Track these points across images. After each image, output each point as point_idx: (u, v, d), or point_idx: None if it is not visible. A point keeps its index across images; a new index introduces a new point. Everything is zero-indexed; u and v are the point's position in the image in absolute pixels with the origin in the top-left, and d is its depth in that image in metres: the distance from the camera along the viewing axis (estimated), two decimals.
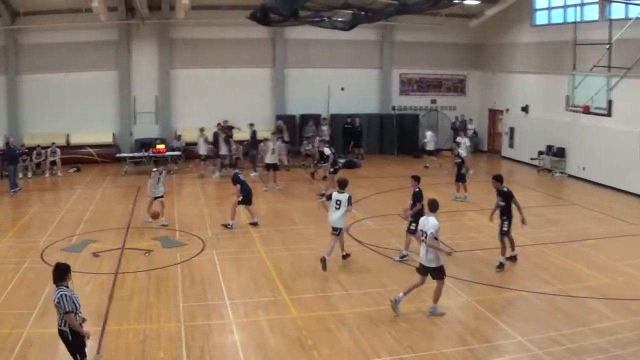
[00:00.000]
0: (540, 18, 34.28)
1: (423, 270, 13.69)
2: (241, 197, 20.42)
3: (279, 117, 34.58)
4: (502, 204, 16.96)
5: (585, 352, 12.00)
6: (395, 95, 38.36)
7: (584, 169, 30.11)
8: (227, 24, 32.50)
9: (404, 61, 37.81)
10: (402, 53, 37.59)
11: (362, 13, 22.53)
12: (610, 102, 22.70)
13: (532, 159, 32.90)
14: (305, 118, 35.08)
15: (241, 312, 13.61)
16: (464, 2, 29.15)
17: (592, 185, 28.82)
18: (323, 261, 16.23)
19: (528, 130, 34.35)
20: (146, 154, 30.86)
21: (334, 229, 16.59)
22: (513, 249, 17.37)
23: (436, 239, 13.40)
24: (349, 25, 23.84)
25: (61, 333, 9.54)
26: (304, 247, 18.61)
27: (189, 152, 32.63)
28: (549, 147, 32.12)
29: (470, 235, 20.11)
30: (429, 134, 34.11)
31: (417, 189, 17.33)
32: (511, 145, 35.95)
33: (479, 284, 15.86)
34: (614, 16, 25.35)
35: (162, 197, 21.03)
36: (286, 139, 32.37)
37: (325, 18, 23.35)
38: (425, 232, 13.33)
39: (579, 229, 20.95)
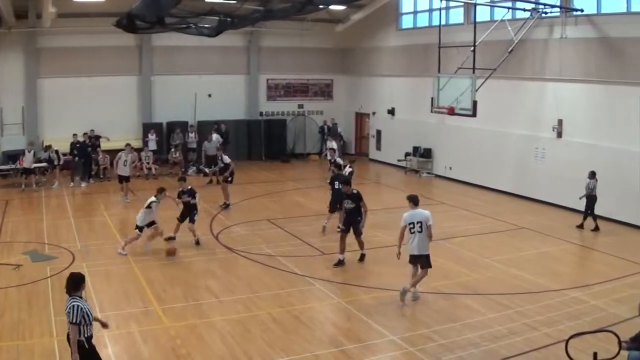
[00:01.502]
0: (406, 22, 34.85)
1: (415, 260, 14.41)
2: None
3: (146, 126, 33.52)
4: (352, 206, 17.21)
5: (459, 347, 12.07)
6: (263, 100, 38.01)
7: (450, 168, 30.81)
8: (94, 32, 31.11)
9: (270, 67, 37.57)
10: (269, 58, 37.35)
11: (228, 19, 22.29)
12: (474, 103, 23.11)
13: (399, 160, 33.33)
14: (172, 125, 34.08)
15: (113, 324, 12.89)
16: (330, 7, 29.19)
17: (459, 184, 29.54)
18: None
19: (395, 133, 34.82)
20: (13, 166, 29.14)
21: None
22: (362, 249, 17.79)
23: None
24: (215, 32, 23.60)
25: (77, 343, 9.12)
26: (174, 256, 18.02)
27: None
28: (416, 149, 32.64)
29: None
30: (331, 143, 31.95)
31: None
32: (378, 148, 36.33)
33: (349, 285, 15.81)
34: (478, 19, 25.92)
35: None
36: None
37: (192, 25, 22.95)
38: (421, 222, 14.05)
39: (447, 227, 21.14)
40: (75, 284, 9.24)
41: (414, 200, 14.52)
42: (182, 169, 31.28)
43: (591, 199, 21.19)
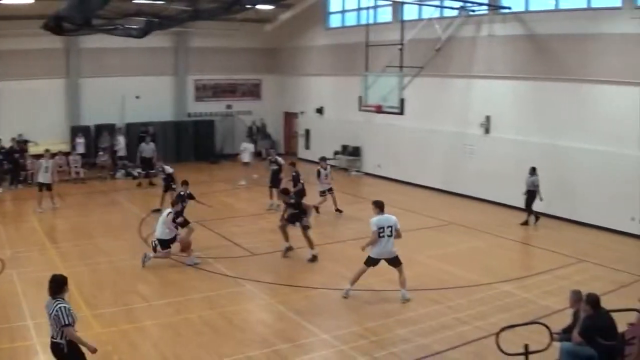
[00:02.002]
0: (334, 21, 34.80)
1: (375, 263, 14.44)
2: None
3: (74, 129, 32.56)
4: (295, 211, 17.66)
5: (391, 343, 12.00)
6: (191, 101, 37.38)
7: (379, 166, 30.89)
8: (21, 35, 30.01)
9: (198, 67, 36.98)
10: (197, 59, 36.75)
11: (156, 20, 21.98)
12: (402, 101, 23.11)
13: (328, 159, 33.10)
14: (100, 128, 33.28)
15: (45, 332, 12.34)
16: (258, 7, 28.95)
17: (388, 181, 29.60)
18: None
19: (323, 132, 34.79)
20: None
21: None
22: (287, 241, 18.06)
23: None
24: (143, 33, 23.33)
25: (56, 346, 9.17)
26: (103, 260, 17.50)
27: None
28: (345, 147, 32.59)
29: (269, 238, 19.76)
30: (244, 144, 32.24)
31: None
32: (307, 147, 36.19)
33: (279, 285, 15.61)
34: (406, 18, 25.93)
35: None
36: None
37: (119, 26, 22.64)
38: (391, 227, 14.28)
39: None
40: (58, 286, 9.26)
41: (380, 206, 14.65)
42: (110, 172, 30.72)
43: (532, 194, 21.38)
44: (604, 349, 9.04)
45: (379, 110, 24.18)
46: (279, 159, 24.55)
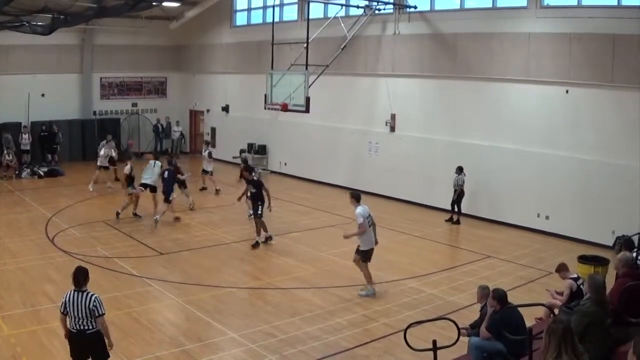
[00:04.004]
0: (240, 19, 34.61)
1: (372, 254, 14.68)
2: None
3: None
4: (254, 190, 18.42)
5: (299, 341, 11.93)
6: (97, 99, 36.53)
7: (285, 164, 30.92)
8: None
9: (104, 65, 36.20)
10: (103, 56, 35.97)
11: (62, 17, 21.47)
12: (308, 99, 23.02)
13: (234, 157, 32.81)
14: (4, 126, 32.07)
15: None
16: (163, 4, 28.54)
17: (294, 179, 29.68)
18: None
19: (229, 130, 34.57)
20: None
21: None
22: (266, 231, 18.72)
23: None
24: (49, 30, 22.86)
25: (95, 334, 9.19)
26: (10, 261, 16.82)
27: None
28: (251, 145, 32.40)
29: (176, 237, 19.60)
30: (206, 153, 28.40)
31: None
32: (213, 145, 35.74)
33: (187, 284, 15.33)
34: (312, 16, 25.90)
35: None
36: None
37: (25, 22, 21.93)
38: (370, 216, 14.61)
39: (283, 222, 21.17)
40: (84, 277, 9.28)
41: (358, 198, 14.86)
42: (16, 172, 29.67)
43: (457, 193, 21.64)
44: (512, 343, 9.16)
45: (284, 108, 24.02)
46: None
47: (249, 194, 19.15)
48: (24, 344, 11.66)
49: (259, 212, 18.26)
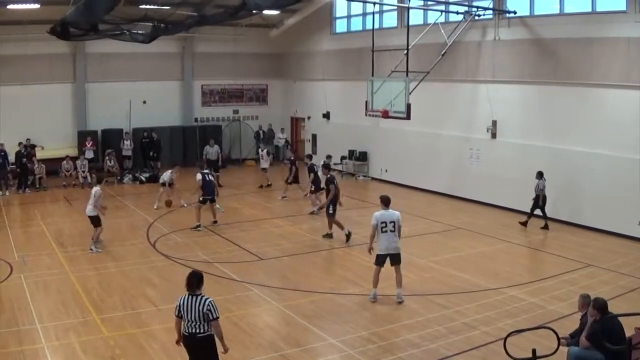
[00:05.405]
0: (340, 26, 34.87)
1: (384, 259, 14.54)
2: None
3: (81, 133, 32.76)
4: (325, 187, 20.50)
5: (398, 348, 11.97)
6: (198, 106, 37.53)
7: (386, 171, 30.94)
8: (28, 39, 30.12)
9: (205, 72, 37.14)
10: (203, 64, 36.92)
11: (162, 25, 22.10)
12: (408, 106, 23.08)
13: (335, 164, 33.20)
14: (107, 133, 33.46)
15: (52, 336, 12.52)
16: (264, 12, 28.99)
17: (395, 186, 29.50)
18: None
19: (330, 136, 34.80)
20: None
21: None
22: (342, 229, 19.93)
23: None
24: (149, 38, 23.39)
25: (208, 338, 9.40)
26: (111, 264, 17.53)
27: None
28: (352, 152, 32.64)
29: (277, 242, 19.95)
30: (264, 152, 30.59)
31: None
32: (314, 152, 36.17)
33: (287, 289, 15.58)
34: (412, 23, 25.95)
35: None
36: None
37: (125, 31, 22.74)
38: (393, 222, 14.38)
39: None
40: (199, 281, 9.53)
41: (385, 201, 14.80)
42: (118, 177, 30.96)
43: (540, 198, 21.30)
44: (611, 353, 9.04)
45: (385, 115, 24.18)
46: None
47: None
48: (122, 346, 12.08)
49: (330, 211, 19.97)
